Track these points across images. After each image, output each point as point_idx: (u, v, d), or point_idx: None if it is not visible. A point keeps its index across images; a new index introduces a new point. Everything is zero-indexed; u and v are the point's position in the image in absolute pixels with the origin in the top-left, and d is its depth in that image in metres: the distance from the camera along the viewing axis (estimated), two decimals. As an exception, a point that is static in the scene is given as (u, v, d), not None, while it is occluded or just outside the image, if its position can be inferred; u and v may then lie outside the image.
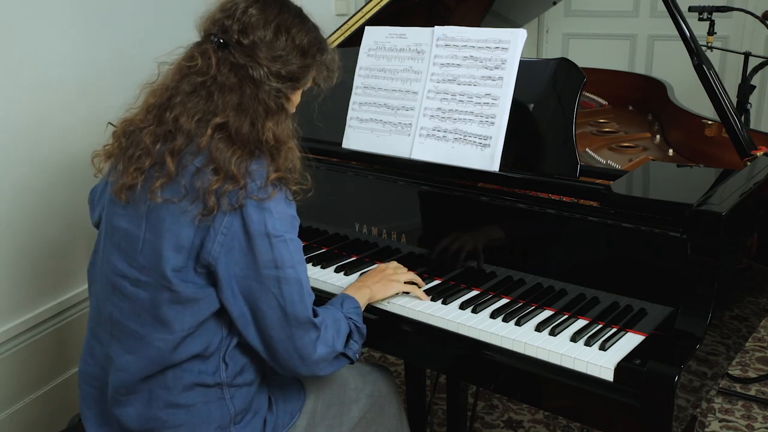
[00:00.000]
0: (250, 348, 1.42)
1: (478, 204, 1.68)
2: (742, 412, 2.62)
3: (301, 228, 1.97)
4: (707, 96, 1.83)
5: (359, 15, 2.23)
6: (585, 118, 2.49)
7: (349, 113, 1.90)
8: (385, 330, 1.65)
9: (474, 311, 1.59)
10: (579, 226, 1.54)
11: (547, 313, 1.57)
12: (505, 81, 1.67)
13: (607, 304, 1.53)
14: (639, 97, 2.80)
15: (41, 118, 2.26)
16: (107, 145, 1.47)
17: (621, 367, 1.36)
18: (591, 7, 4.06)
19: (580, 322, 1.52)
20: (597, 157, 2.06)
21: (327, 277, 1.79)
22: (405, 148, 1.80)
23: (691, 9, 2.63)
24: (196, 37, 1.45)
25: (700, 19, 2.65)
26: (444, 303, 1.63)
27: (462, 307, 1.61)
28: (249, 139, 1.35)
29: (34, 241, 2.30)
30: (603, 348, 1.42)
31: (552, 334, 1.48)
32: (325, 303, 1.53)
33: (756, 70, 2.79)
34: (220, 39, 1.39)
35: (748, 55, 2.88)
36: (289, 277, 1.36)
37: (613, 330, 1.48)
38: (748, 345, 2.99)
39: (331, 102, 1.95)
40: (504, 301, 1.63)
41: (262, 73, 1.39)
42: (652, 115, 2.66)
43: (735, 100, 2.79)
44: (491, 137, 1.67)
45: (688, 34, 1.84)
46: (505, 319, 1.55)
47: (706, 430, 2.45)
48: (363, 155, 1.88)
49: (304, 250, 1.90)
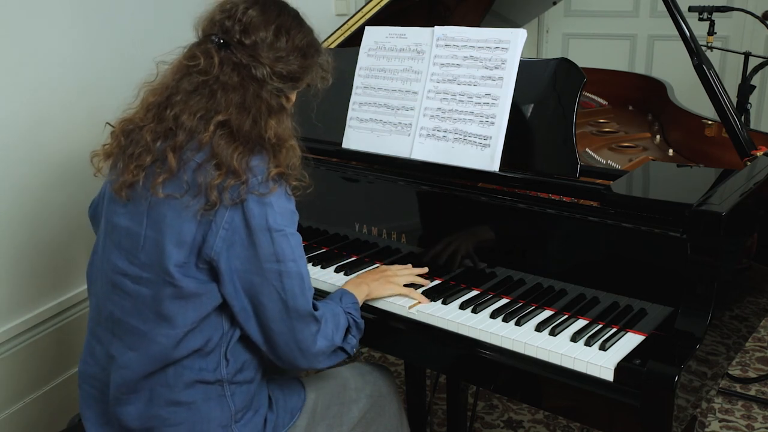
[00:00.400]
0: (251, 345, 1.43)
1: (478, 204, 1.68)
2: (742, 412, 2.62)
3: (301, 228, 1.98)
4: (707, 96, 1.83)
5: (359, 15, 2.24)
6: (585, 118, 2.48)
7: (349, 113, 1.90)
8: (385, 330, 1.66)
9: (474, 311, 1.59)
10: (579, 226, 1.54)
11: (547, 313, 1.57)
12: (505, 81, 1.67)
13: (607, 304, 1.53)
14: (639, 97, 2.80)
15: (41, 118, 2.26)
16: (106, 144, 1.47)
17: (621, 367, 1.36)
18: (591, 7, 4.06)
19: (580, 322, 1.52)
20: (597, 157, 2.06)
21: (327, 277, 1.79)
22: (405, 148, 1.80)
23: (691, 9, 2.63)
24: (196, 37, 1.45)
25: (700, 19, 2.65)
26: (444, 303, 1.63)
27: (462, 307, 1.61)
28: (251, 136, 1.36)
29: (34, 241, 2.30)
30: (603, 348, 1.42)
31: (552, 334, 1.49)
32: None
33: (756, 70, 2.79)
34: (221, 39, 1.39)
35: (748, 55, 2.88)
36: (290, 271, 1.37)
37: (613, 330, 1.48)
38: (748, 345, 2.99)
39: (331, 102, 1.96)
40: (504, 301, 1.63)
41: (265, 72, 1.40)
42: (652, 115, 2.66)
43: (735, 100, 2.79)
44: (491, 137, 1.67)
45: (688, 34, 1.84)
46: (505, 319, 1.55)
47: (706, 430, 2.45)
48: (363, 155, 1.88)
49: (303, 250, 1.92)
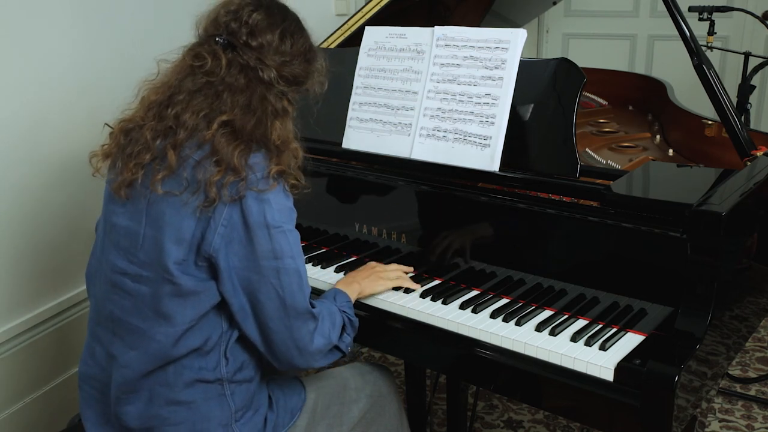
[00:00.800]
0: (250, 344, 1.43)
1: (478, 204, 1.68)
2: (742, 412, 2.62)
3: (301, 228, 1.98)
4: (707, 96, 1.83)
5: (359, 15, 2.24)
6: (585, 118, 2.48)
7: (349, 113, 1.90)
8: (385, 330, 1.66)
9: (474, 311, 1.59)
10: (579, 226, 1.54)
11: (547, 313, 1.57)
12: (505, 81, 1.67)
13: (607, 304, 1.53)
14: (639, 97, 2.80)
15: (41, 118, 2.26)
16: (105, 144, 1.47)
17: (621, 367, 1.36)
18: (591, 7, 4.06)
19: (580, 322, 1.52)
20: (597, 157, 2.06)
21: (327, 277, 1.79)
22: (405, 148, 1.80)
23: (691, 9, 2.63)
24: (196, 36, 1.45)
25: (700, 19, 2.65)
26: (444, 303, 1.63)
27: (462, 307, 1.61)
28: (253, 135, 1.37)
29: (34, 240, 2.30)
30: (603, 348, 1.42)
31: (552, 334, 1.49)
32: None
33: (756, 70, 2.79)
34: (226, 40, 1.40)
35: (748, 55, 2.88)
36: (288, 268, 1.37)
37: (613, 330, 1.48)
38: (748, 345, 2.99)
39: (331, 102, 1.96)
40: (504, 301, 1.63)
41: (272, 75, 1.40)
42: (652, 115, 2.66)
43: (735, 100, 2.79)
44: (491, 137, 1.67)
45: (688, 34, 1.84)
46: (505, 319, 1.55)
47: (706, 430, 2.45)
48: (363, 155, 1.88)
49: (304, 250, 1.91)
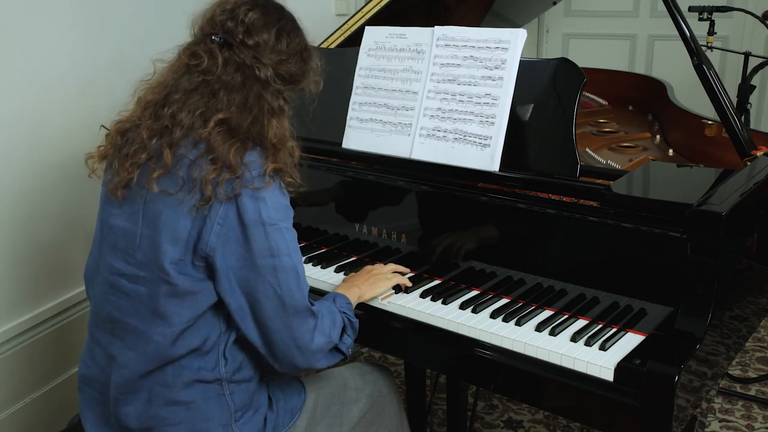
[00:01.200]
0: (248, 344, 1.42)
1: (478, 204, 1.68)
2: (742, 412, 2.62)
3: (302, 228, 1.98)
4: (707, 96, 1.83)
5: (359, 15, 2.24)
6: (585, 118, 2.48)
7: (349, 113, 1.90)
8: (385, 330, 1.66)
9: (474, 311, 1.59)
10: (579, 226, 1.54)
11: (547, 313, 1.57)
12: (505, 81, 1.67)
13: (607, 304, 1.53)
14: (639, 97, 2.80)
15: (41, 118, 2.26)
16: (101, 146, 1.48)
17: (621, 367, 1.36)
18: (591, 7, 4.05)
19: (580, 322, 1.52)
20: (597, 157, 2.06)
21: (327, 277, 1.79)
22: (405, 148, 1.80)
23: (691, 9, 2.63)
24: (191, 35, 1.45)
25: (700, 19, 2.65)
26: (444, 303, 1.63)
27: (462, 307, 1.61)
28: (249, 134, 1.37)
29: (33, 241, 2.30)
30: (603, 348, 1.42)
31: (552, 334, 1.49)
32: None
33: (756, 70, 2.79)
34: (222, 38, 1.40)
35: (748, 55, 2.88)
36: (285, 265, 1.36)
37: (613, 330, 1.48)
38: (748, 345, 2.99)
39: (331, 102, 1.96)
40: (504, 301, 1.63)
41: (268, 74, 1.40)
42: (652, 115, 2.66)
43: (735, 100, 2.79)
44: (491, 137, 1.67)
45: (688, 34, 1.84)
46: (505, 319, 1.55)
47: (706, 430, 2.45)
48: (363, 155, 1.88)
49: (304, 250, 1.92)
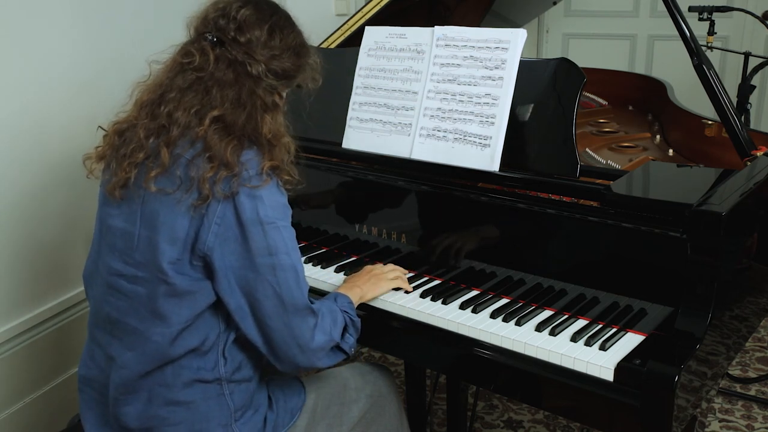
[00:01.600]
0: (248, 343, 1.42)
1: (478, 204, 1.68)
2: (742, 412, 2.62)
3: (301, 228, 1.98)
4: (707, 96, 1.83)
5: (359, 15, 2.24)
6: (585, 118, 2.48)
7: (349, 113, 1.90)
8: (385, 330, 1.66)
9: (474, 311, 1.59)
10: (579, 226, 1.54)
11: (547, 313, 1.57)
12: (505, 81, 1.67)
13: (607, 304, 1.53)
14: (639, 97, 2.80)
15: (41, 118, 2.26)
16: (98, 146, 1.48)
17: (621, 367, 1.36)
18: (591, 7, 4.05)
19: (580, 322, 1.52)
20: (597, 157, 2.06)
21: (327, 277, 1.79)
22: (405, 148, 1.80)
23: (691, 9, 2.63)
24: (188, 36, 1.46)
25: (700, 19, 2.65)
26: (444, 303, 1.63)
27: (462, 307, 1.61)
28: (245, 131, 1.37)
29: (33, 241, 2.30)
30: (603, 348, 1.42)
31: (552, 334, 1.48)
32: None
33: (756, 70, 2.79)
34: (215, 37, 1.40)
35: (748, 55, 2.88)
36: (284, 264, 1.36)
37: (613, 330, 1.48)
38: (748, 345, 2.99)
39: (331, 102, 1.96)
40: (504, 301, 1.63)
41: (260, 69, 1.40)
42: (652, 115, 2.66)
43: (735, 100, 2.79)
44: (491, 137, 1.67)
45: (688, 34, 1.84)
46: (505, 319, 1.55)
47: (706, 430, 2.45)
48: (363, 155, 1.88)
49: (304, 250, 1.92)
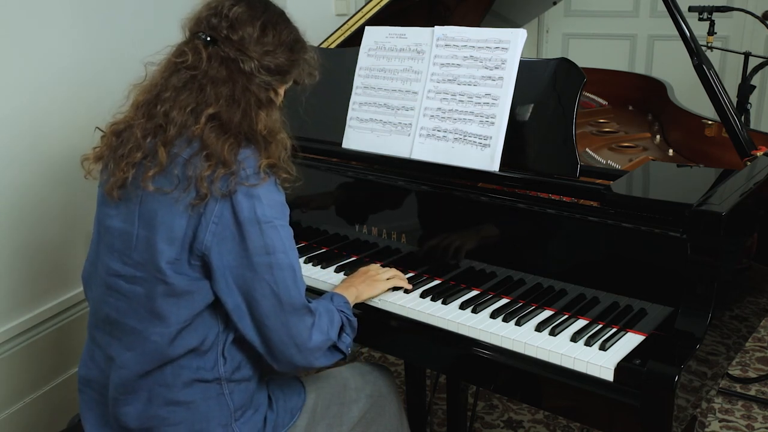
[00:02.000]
0: (247, 343, 1.42)
1: (478, 204, 1.68)
2: (742, 412, 2.62)
3: (301, 228, 1.98)
4: (707, 96, 1.83)
5: (359, 15, 2.24)
6: (585, 118, 2.48)
7: (349, 113, 1.90)
8: (386, 330, 1.66)
9: (474, 311, 1.59)
10: (579, 226, 1.54)
11: (547, 313, 1.57)
12: (505, 81, 1.67)
13: (607, 304, 1.53)
14: (639, 97, 2.80)
15: (41, 118, 2.26)
16: (96, 147, 1.48)
17: (621, 367, 1.36)
18: (591, 7, 4.05)
19: (580, 322, 1.52)
20: (597, 157, 2.06)
21: (327, 277, 1.79)
22: (405, 148, 1.80)
23: (691, 9, 2.63)
24: (183, 37, 1.46)
25: (700, 19, 2.65)
26: (444, 303, 1.63)
27: (462, 307, 1.61)
28: (241, 128, 1.37)
29: (33, 241, 2.30)
30: (603, 348, 1.42)
31: (552, 334, 1.48)
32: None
33: (756, 70, 2.79)
34: (208, 36, 1.40)
35: (748, 55, 2.88)
36: (281, 263, 1.36)
37: (613, 330, 1.48)
38: (748, 345, 2.99)
39: (331, 102, 1.96)
40: (504, 301, 1.63)
41: (253, 66, 1.40)
42: (652, 115, 2.66)
43: (735, 100, 2.79)
44: (491, 137, 1.67)
45: (688, 34, 1.84)
46: (505, 319, 1.55)
47: (706, 430, 2.45)
48: (363, 155, 1.88)
49: (304, 250, 1.92)
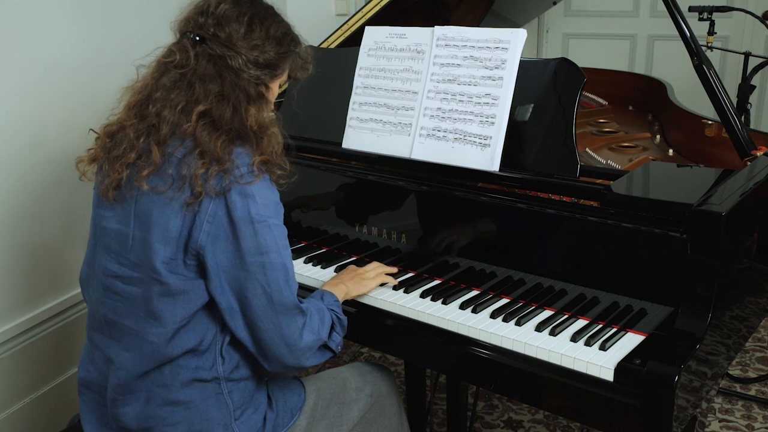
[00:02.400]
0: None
1: (478, 204, 1.68)
2: (742, 412, 2.62)
3: (301, 228, 1.98)
4: (707, 96, 1.83)
5: (359, 15, 2.24)
6: (585, 118, 2.49)
7: (349, 113, 1.90)
8: (385, 330, 1.66)
9: (474, 311, 1.59)
10: (579, 226, 1.54)
11: (547, 313, 1.57)
12: (505, 81, 1.67)
13: (607, 304, 1.53)
14: (639, 97, 2.80)
15: (41, 118, 2.26)
16: (90, 149, 1.48)
17: (621, 367, 1.36)
18: (591, 7, 4.06)
19: (580, 322, 1.52)
20: (597, 157, 2.06)
21: (327, 277, 1.78)
22: (405, 148, 1.80)
23: (691, 9, 2.63)
24: (174, 38, 1.47)
25: (700, 19, 2.65)
26: (444, 303, 1.63)
27: (462, 307, 1.61)
28: (232, 125, 1.37)
29: (33, 241, 2.30)
30: (603, 348, 1.42)
31: (552, 334, 1.48)
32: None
33: (756, 70, 2.79)
34: (196, 35, 1.41)
35: (748, 55, 2.88)
36: (274, 263, 1.37)
37: (613, 330, 1.48)
38: (748, 345, 2.99)
39: (331, 102, 1.96)
40: (504, 301, 1.63)
41: (240, 61, 1.41)
42: (652, 115, 2.66)
43: (735, 100, 2.79)
44: (491, 137, 1.67)
45: (688, 34, 1.84)
46: (505, 319, 1.55)
47: (706, 430, 2.45)
48: (363, 155, 1.88)
49: (304, 251, 1.92)
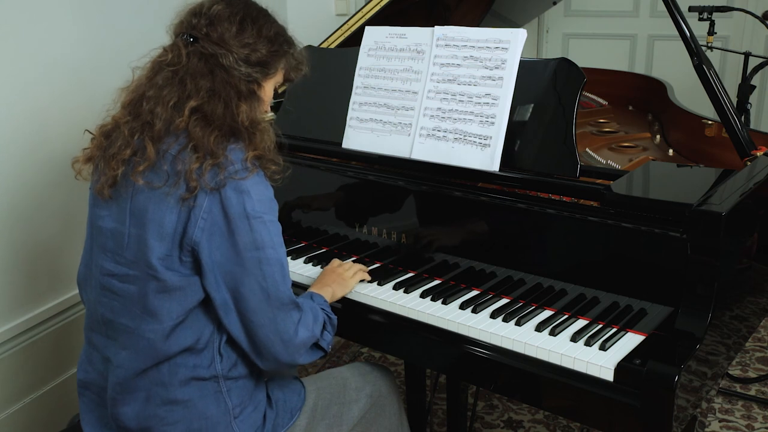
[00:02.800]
0: None
1: (478, 204, 1.68)
2: (742, 412, 2.62)
3: (301, 228, 1.98)
4: (707, 96, 1.83)
5: (359, 15, 2.24)
6: (585, 118, 2.48)
7: (349, 113, 1.90)
8: (385, 330, 1.66)
9: (474, 311, 1.59)
10: (579, 226, 1.54)
11: (547, 313, 1.57)
12: (505, 81, 1.67)
13: (607, 304, 1.53)
14: (639, 97, 2.80)
15: (40, 118, 2.26)
16: (86, 148, 1.49)
17: (621, 367, 1.36)
18: (591, 7, 4.06)
19: (580, 322, 1.52)
20: (597, 157, 2.06)
21: (327, 277, 1.79)
22: (405, 148, 1.80)
23: (691, 9, 2.63)
24: (170, 41, 1.48)
25: (700, 19, 2.65)
26: (444, 303, 1.63)
27: (462, 307, 1.61)
28: (224, 121, 1.38)
29: (32, 241, 2.30)
30: (603, 348, 1.42)
31: (552, 334, 1.48)
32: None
33: (756, 70, 2.79)
34: (189, 36, 1.42)
35: (748, 55, 2.88)
36: (270, 258, 1.37)
37: (613, 330, 1.48)
38: (748, 345, 2.99)
39: (331, 102, 1.96)
40: (504, 301, 1.63)
41: (231, 59, 1.42)
42: (652, 115, 2.66)
43: (735, 100, 2.79)
44: (491, 137, 1.67)
45: (688, 34, 1.84)
46: (505, 319, 1.55)
47: (706, 430, 2.45)
48: (363, 155, 1.88)
49: (304, 251, 1.92)
